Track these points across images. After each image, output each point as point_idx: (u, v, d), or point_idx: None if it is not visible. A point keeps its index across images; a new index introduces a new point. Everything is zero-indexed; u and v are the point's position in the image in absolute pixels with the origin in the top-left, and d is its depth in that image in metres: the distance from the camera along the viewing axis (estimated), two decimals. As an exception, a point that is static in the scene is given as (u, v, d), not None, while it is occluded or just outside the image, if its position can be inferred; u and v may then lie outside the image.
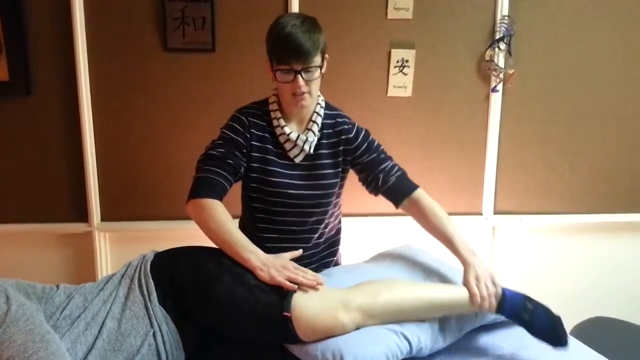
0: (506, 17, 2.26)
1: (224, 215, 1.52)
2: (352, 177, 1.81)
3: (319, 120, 1.67)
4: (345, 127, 1.71)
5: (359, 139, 1.71)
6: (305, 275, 1.45)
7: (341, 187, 1.78)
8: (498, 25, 2.27)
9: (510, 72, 2.30)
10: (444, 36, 2.27)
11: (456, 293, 1.50)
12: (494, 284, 1.48)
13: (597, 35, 2.34)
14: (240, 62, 2.19)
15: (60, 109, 2.18)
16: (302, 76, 1.51)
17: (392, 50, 2.25)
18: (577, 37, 2.34)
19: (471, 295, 1.46)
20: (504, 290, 1.50)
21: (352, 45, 2.23)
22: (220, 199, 1.57)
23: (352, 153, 1.71)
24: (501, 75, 2.30)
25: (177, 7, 2.11)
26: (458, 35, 2.28)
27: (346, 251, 2.05)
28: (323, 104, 1.70)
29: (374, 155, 1.72)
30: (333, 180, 1.70)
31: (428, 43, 2.27)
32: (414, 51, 2.25)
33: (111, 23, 2.14)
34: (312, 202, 1.68)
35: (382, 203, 1.78)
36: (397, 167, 1.75)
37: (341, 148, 1.70)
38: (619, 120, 2.43)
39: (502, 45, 2.28)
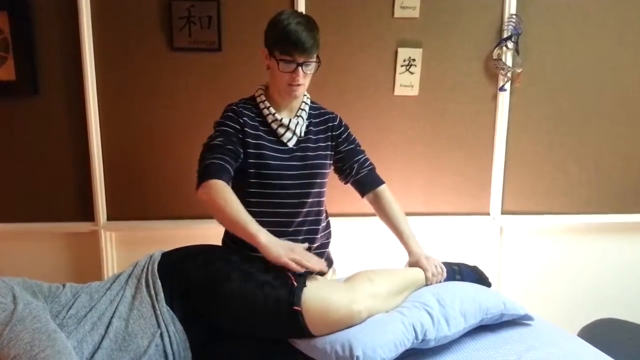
0: (514, 16, 2.24)
1: (233, 197, 1.58)
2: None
3: (307, 108, 1.81)
4: (330, 116, 1.86)
5: (342, 128, 1.86)
6: (310, 259, 1.48)
7: (326, 175, 1.84)
8: (506, 24, 2.25)
9: (518, 71, 2.28)
10: (451, 35, 2.26)
11: (416, 272, 1.70)
12: (438, 265, 1.73)
13: (605, 34, 2.33)
14: (247, 61, 2.19)
15: (67, 108, 2.19)
16: (302, 69, 1.64)
17: (399, 49, 2.24)
18: (585, 35, 2.32)
19: (428, 271, 1.68)
20: None
21: (358, 45, 2.22)
22: (228, 183, 1.62)
23: (337, 139, 1.85)
24: (509, 74, 2.29)
25: (184, 6, 2.11)
26: (465, 34, 2.27)
27: (337, 251, 2.05)
28: (308, 96, 1.83)
29: (352, 146, 1.88)
30: (325, 161, 1.81)
31: (435, 42, 2.26)
32: (420, 50, 2.24)
33: (118, 22, 2.14)
34: (307, 182, 1.76)
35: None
36: (369, 161, 1.90)
37: (330, 133, 1.83)
38: (627, 119, 2.41)
39: (510, 44, 2.27)
